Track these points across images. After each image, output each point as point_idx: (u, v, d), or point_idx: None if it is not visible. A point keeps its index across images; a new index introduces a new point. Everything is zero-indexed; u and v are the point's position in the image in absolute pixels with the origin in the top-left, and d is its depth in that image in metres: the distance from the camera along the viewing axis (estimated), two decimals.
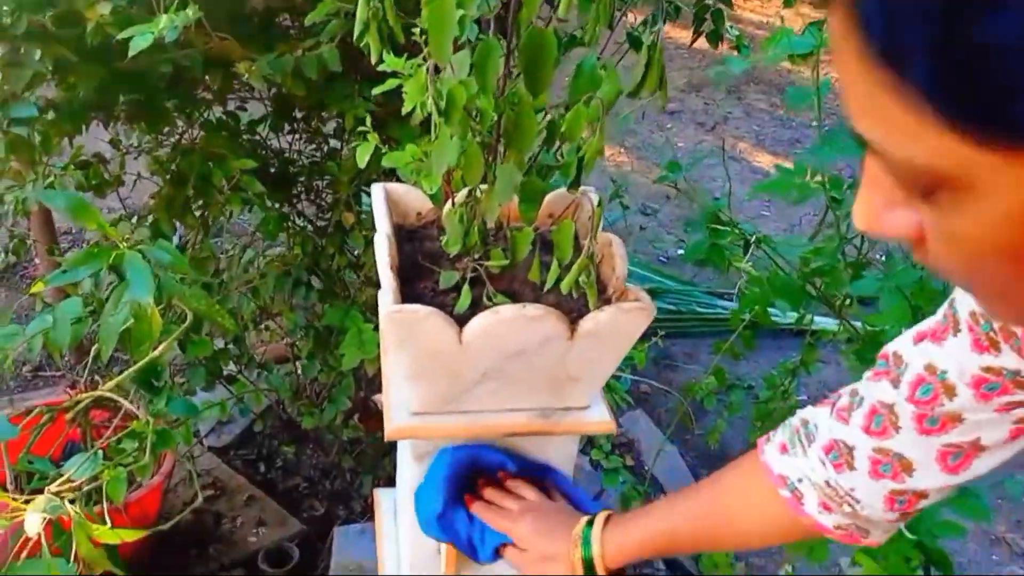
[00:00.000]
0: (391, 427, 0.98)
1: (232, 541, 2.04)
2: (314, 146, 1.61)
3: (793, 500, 0.82)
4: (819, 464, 0.80)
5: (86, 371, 1.31)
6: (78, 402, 1.21)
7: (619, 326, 0.92)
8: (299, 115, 1.61)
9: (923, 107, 0.35)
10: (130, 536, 1.00)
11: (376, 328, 1.48)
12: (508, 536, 1.00)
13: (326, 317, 1.53)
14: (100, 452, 1.10)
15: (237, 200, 1.35)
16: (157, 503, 1.87)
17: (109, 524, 1.05)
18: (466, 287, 0.94)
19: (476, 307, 0.93)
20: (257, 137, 1.54)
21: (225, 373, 1.65)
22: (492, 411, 1.00)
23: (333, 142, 1.61)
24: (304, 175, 1.56)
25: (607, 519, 0.97)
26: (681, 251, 3.53)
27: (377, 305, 1.69)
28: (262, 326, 1.69)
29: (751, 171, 4.21)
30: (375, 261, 1.61)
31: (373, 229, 1.65)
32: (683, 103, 4.83)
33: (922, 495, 0.77)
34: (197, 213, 1.41)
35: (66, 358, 2.25)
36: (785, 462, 0.83)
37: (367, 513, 2.06)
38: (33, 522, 0.91)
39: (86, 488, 1.02)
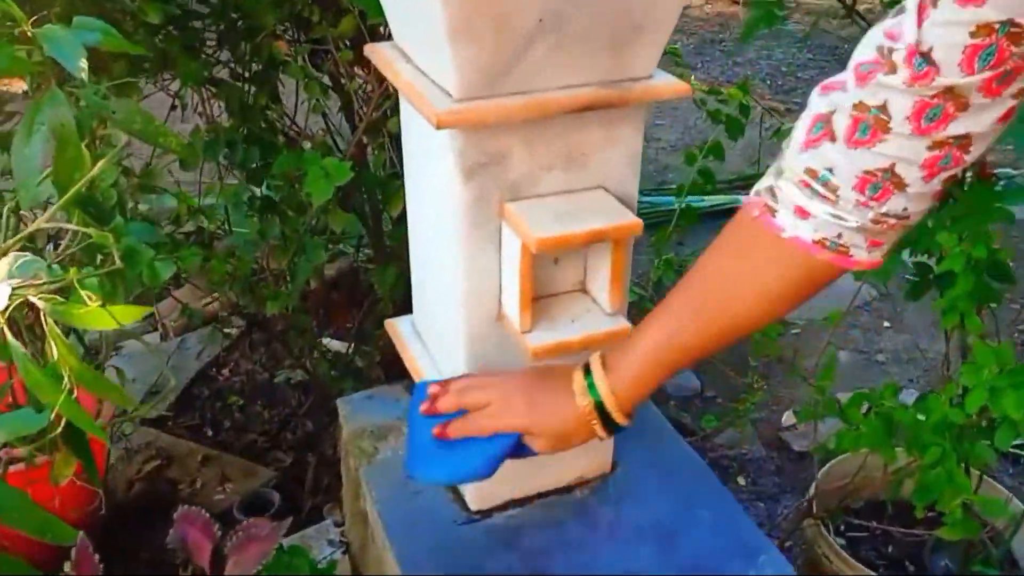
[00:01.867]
0: (436, 112, 0.79)
1: (196, 502, 1.74)
2: None
3: (838, 256, 0.70)
4: (860, 208, 0.67)
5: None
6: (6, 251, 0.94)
7: None
8: None
9: None
10: (126, 316, 0.75)
11: (344, 157, 1.28)
12: (509, 432, 0.85)
13: (276, 166, 1.30)
14: (56, 265, 0.85)
15: (155, 10, 1.11)
16: (102, 453, 1.58)
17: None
18: None
19: None
20: None
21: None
22: (549, 89, 0.83)
23: None
24: (213, 20, 1.33)
25: (603, 358, 0.82)
26: None
27: (333, 149, 1.48)
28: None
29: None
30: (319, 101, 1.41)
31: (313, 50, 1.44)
32: None
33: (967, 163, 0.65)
34: None
35: None
36: (814, 226, 0.69)
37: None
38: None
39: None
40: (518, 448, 0.86)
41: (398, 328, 1.16)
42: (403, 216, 1.15)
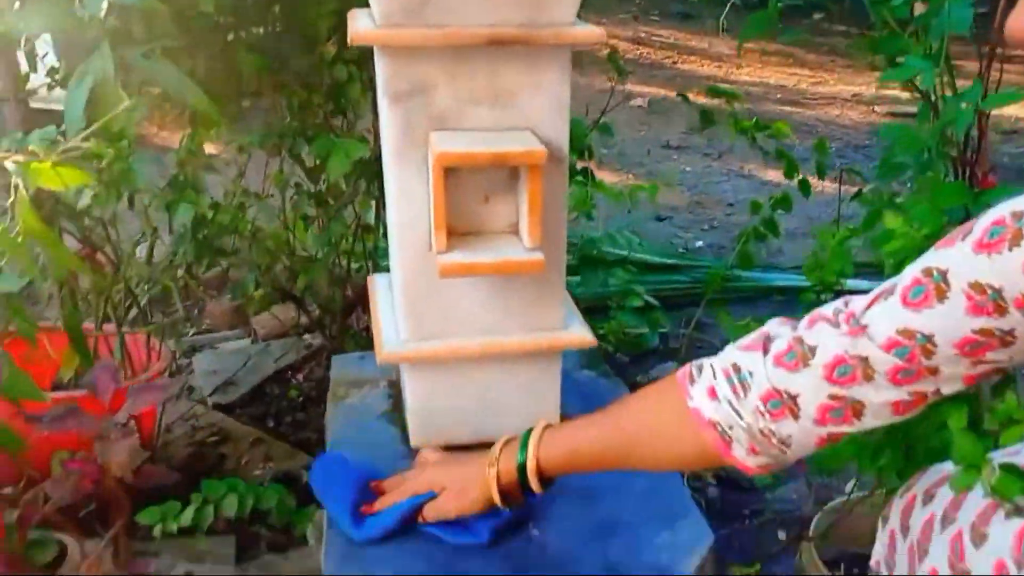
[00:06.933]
0: (355, 32, 0.90)
1: (236, 473, 1.88)
2: None
3: (721, 444, 0.81)
4: (756, 414, 0.79)
5: None
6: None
7: None
8: None
9: None
10: (71, 177, 0.89)
11: (363, 139, 1.41)
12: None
13: (314, 147, 1.45)
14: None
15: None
16: (152, 420, 1.74)
17: None
18: None
19: None
20: None
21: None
22: (468, 25, 0.92)
23: None
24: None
25: (544, 428, 0.95)
26: (700, 243, 3.48)
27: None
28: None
29: (762, 184, 4.20)
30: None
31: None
32: (687, 140, 4.88)
33: (853, 430, 0.78)
34: None
35: None
36: (716, 408, 0.81)
37: None
38: None
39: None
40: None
41: (376, 281, 1.25)
42: None
